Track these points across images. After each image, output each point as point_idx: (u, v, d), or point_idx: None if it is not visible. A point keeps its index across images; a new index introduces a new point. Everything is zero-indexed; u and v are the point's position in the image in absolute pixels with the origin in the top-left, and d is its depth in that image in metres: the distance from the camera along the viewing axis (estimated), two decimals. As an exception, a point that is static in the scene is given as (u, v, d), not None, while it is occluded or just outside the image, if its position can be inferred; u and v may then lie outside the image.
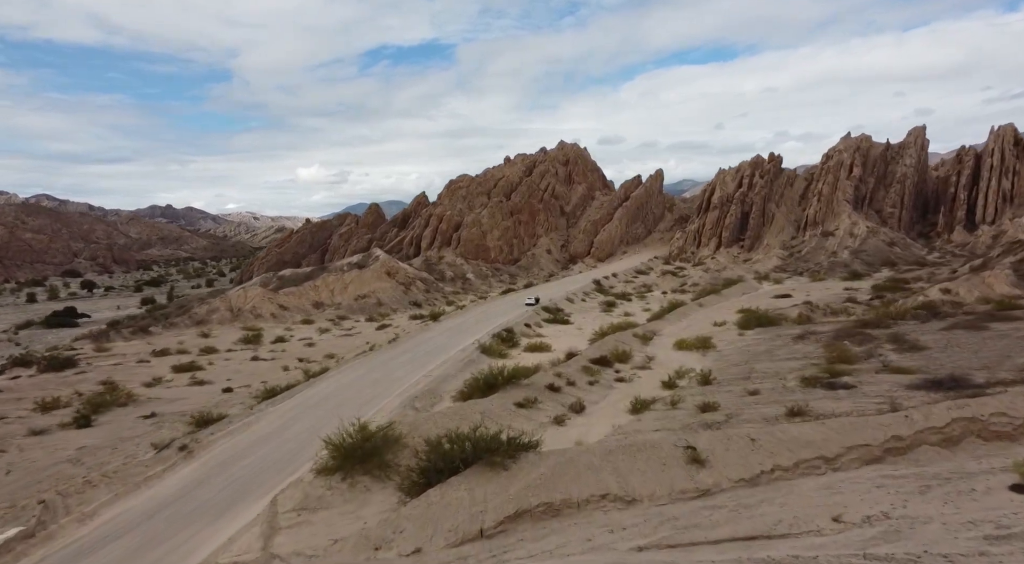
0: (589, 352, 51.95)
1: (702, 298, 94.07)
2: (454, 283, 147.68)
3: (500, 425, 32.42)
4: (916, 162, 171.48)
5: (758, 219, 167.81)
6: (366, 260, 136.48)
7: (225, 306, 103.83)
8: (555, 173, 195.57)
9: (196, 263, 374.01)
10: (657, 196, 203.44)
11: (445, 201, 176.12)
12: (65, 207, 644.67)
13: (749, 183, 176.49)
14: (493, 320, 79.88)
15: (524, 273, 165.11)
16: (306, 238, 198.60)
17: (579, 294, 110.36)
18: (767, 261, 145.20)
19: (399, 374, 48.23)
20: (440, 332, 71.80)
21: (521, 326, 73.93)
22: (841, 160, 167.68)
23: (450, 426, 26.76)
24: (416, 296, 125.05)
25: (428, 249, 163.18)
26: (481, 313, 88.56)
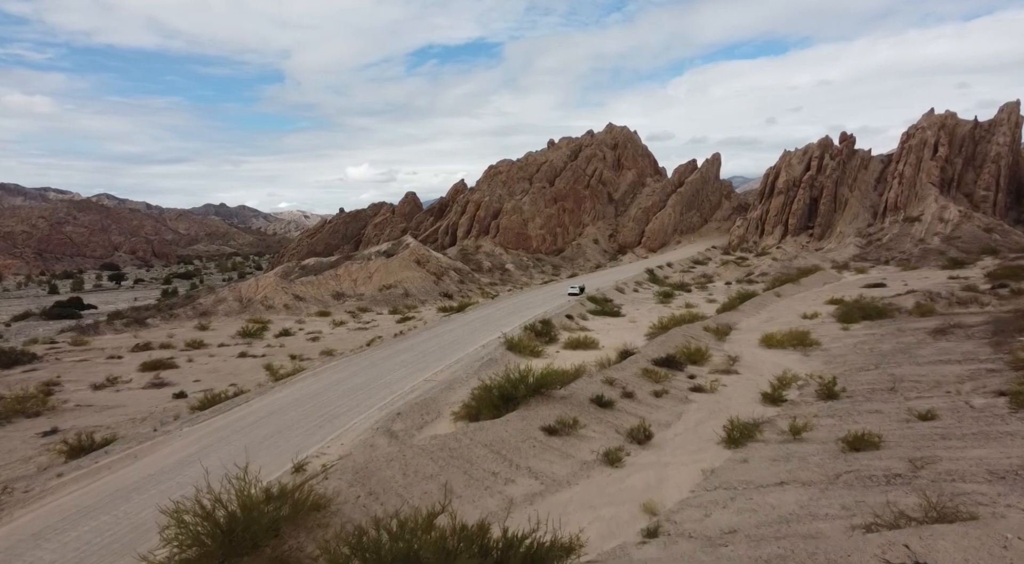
0: (650, 349, 38.78)
1: (778, 288, 79.61)
2: (492, 274, 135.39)
3: (513, 467, 19.67)
4: (1010, 141, 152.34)
5: (829, 204, 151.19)
6: (396, 248, 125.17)
7: (234, 297, 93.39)
8: (603, 157, 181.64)
9: (238, 258, 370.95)
10: (714, 182, 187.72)
11: (483, 187, 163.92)
12: (123, 205, 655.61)
13: (819, 166, 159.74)
14: (528, 311, 67.20)
15: (568, 264, 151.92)
16: (339, 228, 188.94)
17: (630, 284, 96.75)
18: (842, 250, 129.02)
19: (393, 377, 35.85)
20: (462, 324, 59.35)
21: (561, 318, 61.02)
22: (924, 139, 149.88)
23: (422, 482, 14.20)
24: (448, 287, 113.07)
25: (464, 238, 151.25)
26: (516, 303, 75.88)
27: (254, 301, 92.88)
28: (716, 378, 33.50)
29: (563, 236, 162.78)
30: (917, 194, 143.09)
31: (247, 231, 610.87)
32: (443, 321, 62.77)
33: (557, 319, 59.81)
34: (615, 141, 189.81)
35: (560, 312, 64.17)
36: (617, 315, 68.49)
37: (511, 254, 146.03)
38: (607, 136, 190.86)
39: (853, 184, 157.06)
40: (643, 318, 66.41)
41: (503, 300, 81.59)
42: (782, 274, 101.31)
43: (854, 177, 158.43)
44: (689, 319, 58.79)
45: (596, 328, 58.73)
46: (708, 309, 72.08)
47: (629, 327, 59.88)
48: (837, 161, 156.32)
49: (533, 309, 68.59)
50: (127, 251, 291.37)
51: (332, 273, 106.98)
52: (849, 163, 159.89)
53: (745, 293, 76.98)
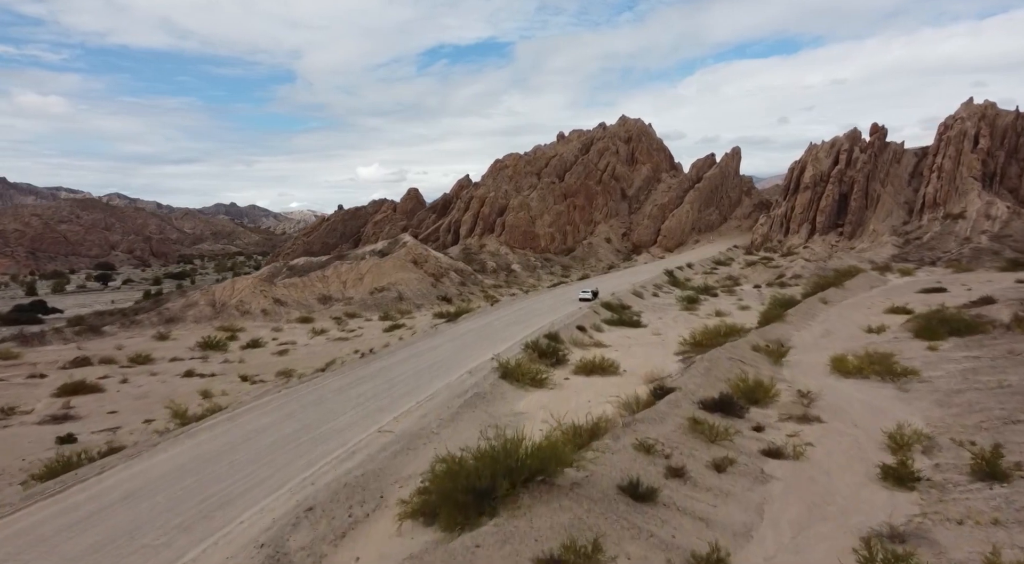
0: (691, 381, 28.66)
1: (821, 293, 69.15)
2: (496, 275, 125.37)
3: None
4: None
5: (860, 201, 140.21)
6: (392, 247, 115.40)
7: (206, 301, 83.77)
8: (615, 151, 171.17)
9: (241, 257, 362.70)
10: (733, 178, 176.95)
11: (488, 182, 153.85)
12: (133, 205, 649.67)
13: (848, 159, 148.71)
14: (533, 320, 57.14)
15: (579, 264, 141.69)
16: (337, 226, 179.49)
17: (649, 287, 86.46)
18: (878, 249, 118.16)
19: (337, 423, 25.90)
20: (453, 337, 49.29)
21: (572, 330, 50.96)
22: (963, 130, 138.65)
23: None
24: (447, 289, 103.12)
25: (468, 236, 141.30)
26: (519, 311, 65.82)
27: (228, 306, 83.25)
28: (794, 432, 23.32)
29: (573, 235, 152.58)
30: (957, 189, 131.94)
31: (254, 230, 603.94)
32: (430, 334, 52.68)
33: (566, 331, 49.75)
34: (629, 134, 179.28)
35: (570, 322, 54.07)
36: (637, 325, 58.30)
37: (517, 254, 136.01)
38: (620, 129, 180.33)
39: (885, 179, 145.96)
40: (669, 329, 56.26)
41: (506, 306, 71.55)
42: (818, 276, 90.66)
43: (886, 172, 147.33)
44: (727, 332, 48.64)
45: (614, 343, 48.62)
46: (743, 318, 61.86)
47: (654, 342, 49.73)
48: (868, 154, 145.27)
49: (539, 318, 58.53)
50: (124, 250, 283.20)
51: (319, 274, 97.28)
52: (881, 157, 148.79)
53: (784, 299, 66.67)
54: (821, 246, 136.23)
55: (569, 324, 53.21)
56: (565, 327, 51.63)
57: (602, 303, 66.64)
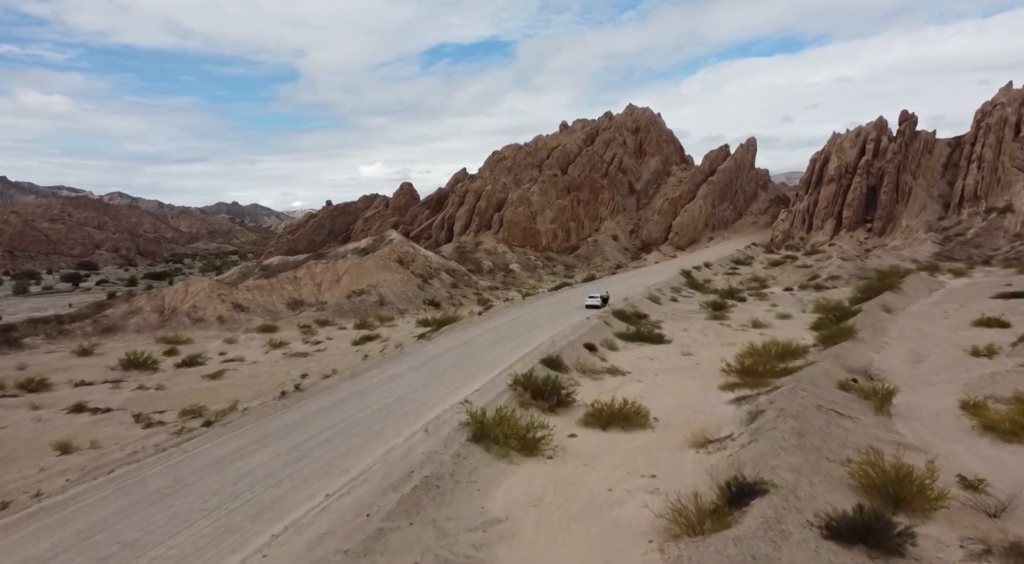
0: (780, 460, 17.03)
1: (877, 299, 57.64)
2: (493, 276, 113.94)
3: None
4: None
5: (891, 194, 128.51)
6: (377, 245, 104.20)
7: (152, 307, 72.46)
8: (622, 142, 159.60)
9: (234, 256, 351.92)
10: (749, 171, 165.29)
11: (485, 175, 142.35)
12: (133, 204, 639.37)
13: (876, 149, 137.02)
14: (530, 333, 45.76)
15: (583, 264, 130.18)
16: (324, 223, 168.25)
17: (665, 290, 74.91)
18: (916, 247, 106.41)
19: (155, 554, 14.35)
20: (423, 361, 37.76)
21: (579, 349, 39.61)
22: (1004, 116, 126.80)
23: None
24: (436, 292, 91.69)
25: (462, 233, 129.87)
26: (514, 321, 54.31)
27: (179, 312, 71.91)
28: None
29: (577, 231, 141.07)
30: (1000, 181, 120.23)
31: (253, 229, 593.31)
32: (394, 356, 41.06)
33: (572, 352, 38.39)
34: (636, 124, 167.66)
35: (576, 338, 42.67)
36: (660, 341, 46.78)
37: (516, 252, 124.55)
38: (627, 119, 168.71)
39: (917, 171, 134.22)
40: (700, 346, 44.81)
41: (499, 315, 59.93)
42: (859, 278, 79.07)
43: (917, 163, 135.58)
44: (781, 352, 37.28)
45: (634, 367, 37.19)
46: (788, 329, 50.42)
47: (685, 365, 38.26)
48: (898, 144, 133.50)
49: (537, 330, 47.13)
50: (109, 249, 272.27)
51: (290, 276, 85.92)
52: (911, 147, 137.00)
53: (834, 306, 55.25)
54: (849, 243, 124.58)
55: (575, 340, 41.80)
56: (570, 345, 40.23)
57: (614, 311, 55.13)
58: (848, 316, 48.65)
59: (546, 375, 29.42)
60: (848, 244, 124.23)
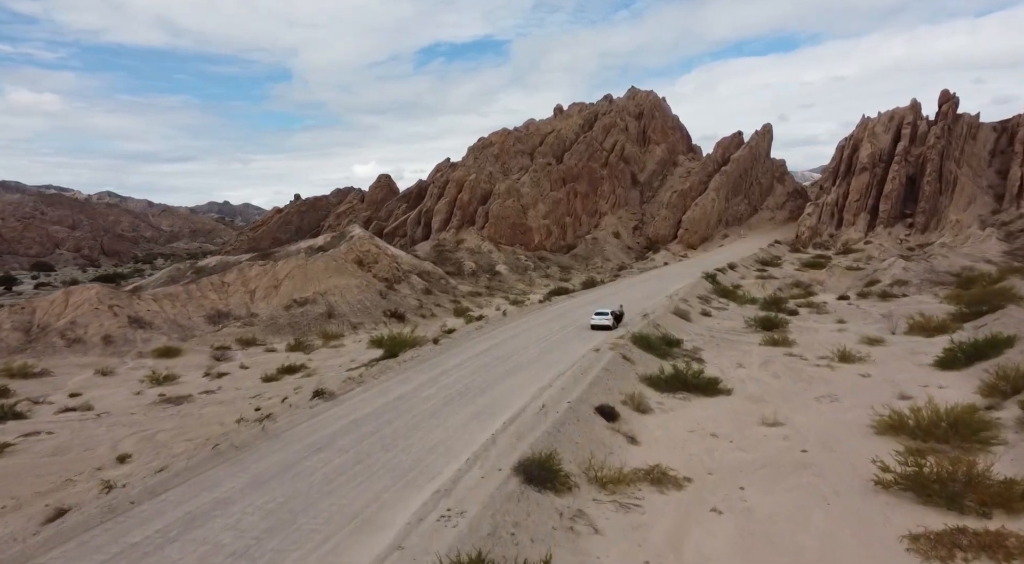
0: None
1: (1002, 312, 40.72)
2: (475, 279, 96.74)
3: None
4: None
5: (934, 185, 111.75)
6: (336, 242, 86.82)
7: (15, 322, 54.85)
8: (624, 128, 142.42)
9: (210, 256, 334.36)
10: (764, 161, 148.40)
11: (469, 162, 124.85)
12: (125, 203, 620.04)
13: (912, 134, 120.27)
14: (507, 386, 28.40)
15: (582, 264, 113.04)
16: (292, 218, 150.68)
17: (691, 300, 57.70)
18: (977, 245, 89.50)
19: None
20: (276, 468, 20.01)
21: (587, 420, 22.44)
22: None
23: None
24: (403, 300, 74.39)
25: (442, 230, 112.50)
26: (488, 353, 36.83)
27: (51, 330, 54.38)
28: None
29: (574, 228, 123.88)
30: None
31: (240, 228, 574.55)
32: (243, 445, 23.38)
33: (574, 429, 21.34)
34: (639, 109, 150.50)
35: (581, 393, 25.52)
36: (715, 389, 29.54)
37: (504, 251, 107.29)
38: (629, 103, 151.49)
39: (961, 158, 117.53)
40: (780, 400, 27.85)
41: (467, 341, 42.21)
42: (936, 283, 62.20)
43: (960, 149, 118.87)
44: (956, 420, 20.20)
45: (691, 461, 20.09)
46: (894, 365, 33.48)
47: (781, 452, 21.04)
48: (941, 127, 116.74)
49: (518, 378, 29.90)
50: (70, 249, 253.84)
51: (215, 281, 68.49)
52: (953, 131, 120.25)
53: (974, 339, 38.33)
54: (887, 241, 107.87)
55: (580, 399, 24.60)
56: (572, 412, 23.04)
57: (635, 336, 37.83)
58: (1001, 345, 31.70)
59: (536, 497, 12.22)
60: (887, 242, 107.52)
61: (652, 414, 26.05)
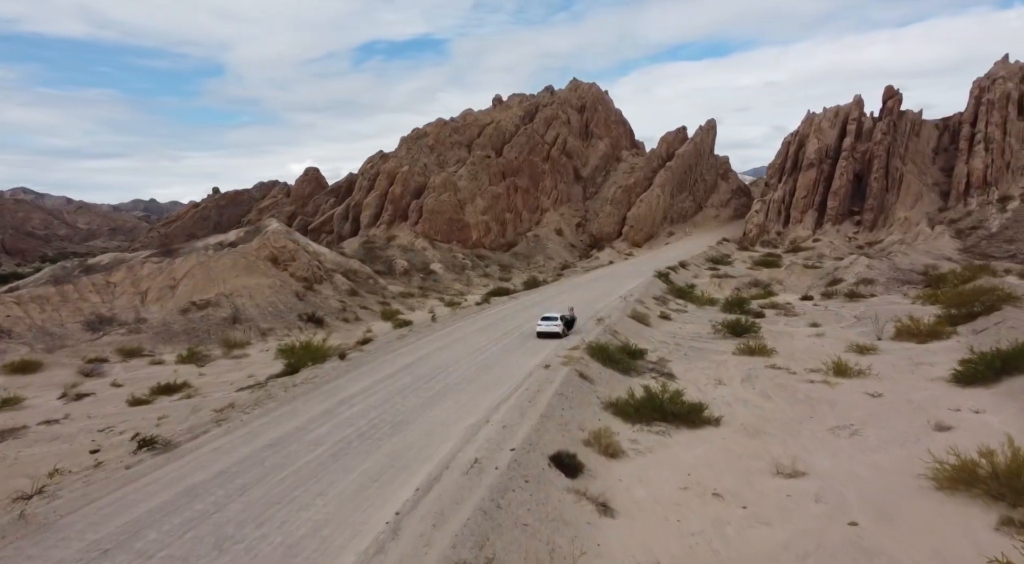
0: None
1: (999, 314, 35.60)
2: (408, 278, 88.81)
3: None
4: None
5: (881, 182, 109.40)
6: (250, 237, 77.61)
7: None
8: (566, 121, 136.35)
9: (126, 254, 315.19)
10: (708, 157, 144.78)
11: (402, 153, 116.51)
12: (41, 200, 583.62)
13: (858, 130, 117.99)
14: (422, 425, 20.93)
15: (523, 263, 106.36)
16: (209, 213, 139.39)
17: (647, 301, 51.40)
18: (931, 242, 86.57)
19: None
20: (112, 533, 12.34)
21: (537, 467, 15.26)
22: (1006, 92, 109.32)
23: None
24: (324, 302, 66.07)
25: (371, 225, 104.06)
26: (407, 371, 29.27)
27: None
28: None
29: (515, 224, 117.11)
30: (1009, 165, 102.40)
31: (156, 225, 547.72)
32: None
33: (517, 499, 14.06)
34: (582, 102, 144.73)
35: (528, 435, 18.29)
36: (700, 419, 22.82)
37: (439, 249, 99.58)
38: (571, 95, 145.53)
39: (906, 155, 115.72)
40: (786, 434, 21.27)
41: (384, 354, 34.54)
42: (904, 282, 57.66)
43: (905, 146, 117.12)
44: None
45: (677, 531, 13.06)
46: (903, 382, 27.63)
47: (832, 535, 14.24)
48: (887, 123, 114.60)
49: (442, 408, 22.56)
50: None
51: (99, 281, 58.90)
52: (898, 127, 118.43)
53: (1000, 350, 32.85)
54: (837, 238, 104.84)
55: (528, 447, 17.43)
56: (517, 464, 15.87)
57: (592, 347, 30.97)
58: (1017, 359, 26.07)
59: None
60: (836, 239, 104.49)
61: (626, 459, 19.13)
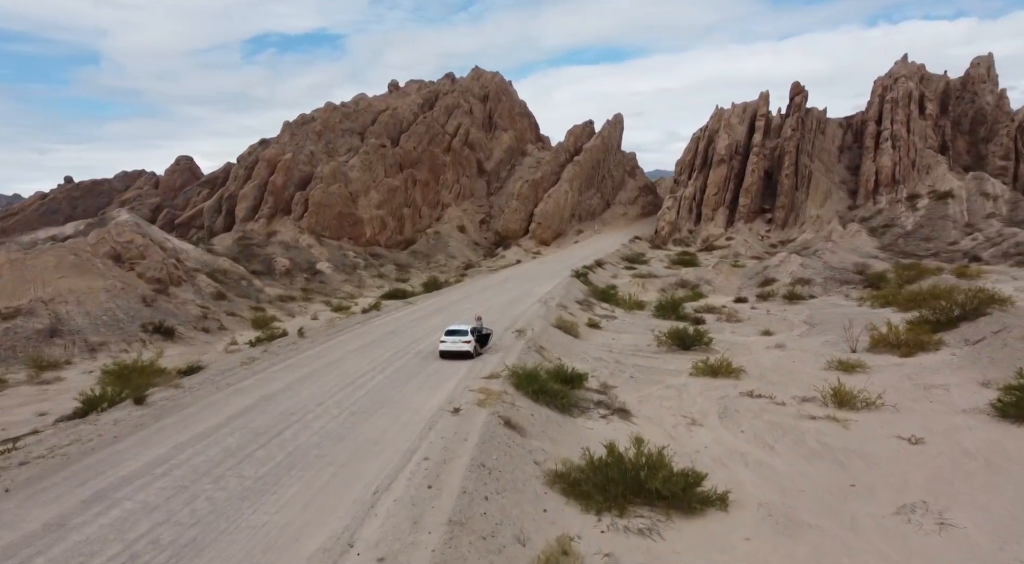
0: None
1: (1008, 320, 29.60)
2: (290, 279, 77.59)
3: None
4: (999, 101, 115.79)
5: (792, 179, 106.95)
6: (92, 230, 64.38)
7: None
8: (468, 111, 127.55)
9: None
10: (616, 153, 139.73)
11: (285, 139, 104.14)
12: None
13: (767, 127, 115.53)
14: (264, 523, 11.49)
15: (422, 262, 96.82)
16: (60, 205, 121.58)
17: (572, 307, 43.35)
18: (849, 240, 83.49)
19: None
20: None
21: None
22: (908, 90, 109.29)
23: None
24: (180, 309, 54.37)
25: (249, 219, 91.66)
26: (258, 412, 19.68)
27: None
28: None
29: (413, 220, 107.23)
30: (915, 163, 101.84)
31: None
32: None
33: None
34: (485, 91, 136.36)
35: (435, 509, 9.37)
36: (698, 499, 14.42)
37: (327, 247, 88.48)
38: (474, 83, 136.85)
39: (813, 152, 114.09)
40: (827, 517, 13.43)
41: (222, 392, 24.60)
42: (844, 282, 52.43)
43: (812, 143, 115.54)
44: None
45: None
46: (903, 403, 20.45)
47: None
48: (796, 119, 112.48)
49: (290, 497, 13.17)
50: None
51: None
52: (805, 124, 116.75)
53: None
54: (749, 237, 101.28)
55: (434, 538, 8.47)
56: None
57: (516, 374, 22.26)
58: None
59: None
60: (749, 237, 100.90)
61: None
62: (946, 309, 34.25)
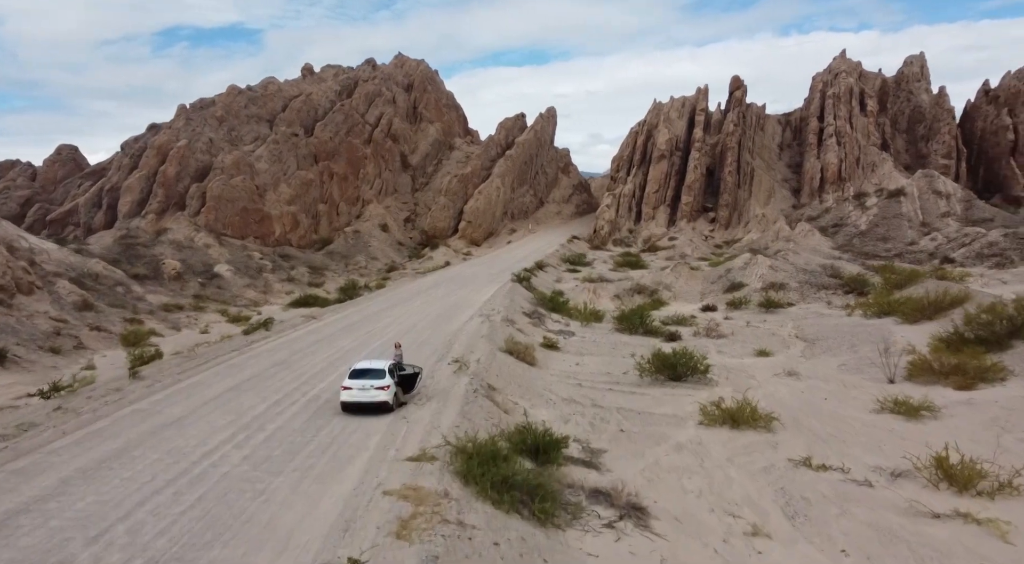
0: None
1: None
2: (181, 285, 66.24)
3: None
4: (937, 99, 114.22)
5: (734, 176, 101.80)
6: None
7: None
8: (391, 100, 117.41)
9: None
10: (549, 149, 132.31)
11: (179, 125, 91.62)
12: None
13: (707, 122, 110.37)
14: None
15: (340, 264, 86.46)
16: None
17: (520, 321, 34.83)
18: (803, 240, 78.30)
19: None
20: None
21: None
22: (849, 87, 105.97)
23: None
24: (24, 323, 43.09)
25: (134, 214, 79.34)
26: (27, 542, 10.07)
27: None
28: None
29: (330, 218, 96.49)
30: (859, 161, 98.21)
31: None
32: None
33: None
34: (409, 80, 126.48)
35: None
36: None
37: (229, 246, 77.18)
38: (397, 71, 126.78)
39: (754, 149, 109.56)
40: None
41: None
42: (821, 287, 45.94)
43: (752, 140, 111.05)
44: None
45: None
46: None
47: None
48: (736, 114, 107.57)
49: None
50: None
51: None
52: (746, 120, 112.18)
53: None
54: (693, 236, 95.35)
55: None
56: None
57: (460, 451, 13.54)
58: None
59: None
60: (693, 237, 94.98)
61: None
62: (990, 323, 27.43)
